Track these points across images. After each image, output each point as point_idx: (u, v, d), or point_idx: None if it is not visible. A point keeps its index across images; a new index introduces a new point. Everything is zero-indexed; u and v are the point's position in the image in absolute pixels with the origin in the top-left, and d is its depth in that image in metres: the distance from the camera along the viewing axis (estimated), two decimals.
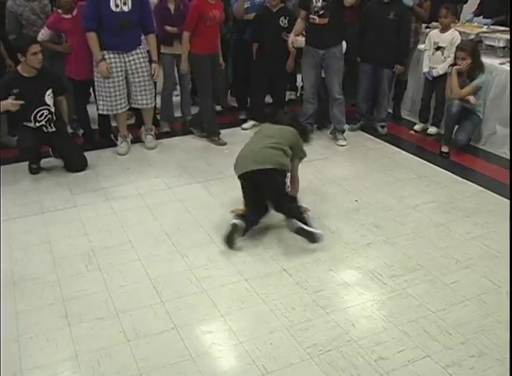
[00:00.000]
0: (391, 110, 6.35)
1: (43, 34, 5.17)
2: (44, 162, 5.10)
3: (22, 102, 4.64)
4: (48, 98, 4.85)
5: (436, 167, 5.09)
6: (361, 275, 3.48)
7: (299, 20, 5.49)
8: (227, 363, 2.81)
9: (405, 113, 6.41)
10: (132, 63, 5.17)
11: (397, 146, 5.61)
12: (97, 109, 5.40)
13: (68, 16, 5.15)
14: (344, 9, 5.33)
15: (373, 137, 5.86)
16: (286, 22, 5.74)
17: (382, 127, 5.94)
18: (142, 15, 5.12)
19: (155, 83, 5.86)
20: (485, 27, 5.97)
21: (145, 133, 5.65)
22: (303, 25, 5.46)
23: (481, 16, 6.51)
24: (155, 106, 5.99)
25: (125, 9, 4.97)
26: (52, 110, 4.89)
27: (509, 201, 4.36)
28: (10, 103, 4.63)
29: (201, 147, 5.64)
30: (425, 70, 5.74)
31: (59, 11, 5.21)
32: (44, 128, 4.88)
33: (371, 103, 6.06)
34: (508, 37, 5.54)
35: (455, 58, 5.29)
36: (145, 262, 3.65)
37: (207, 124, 5.72)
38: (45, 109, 4.83)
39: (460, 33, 5.63)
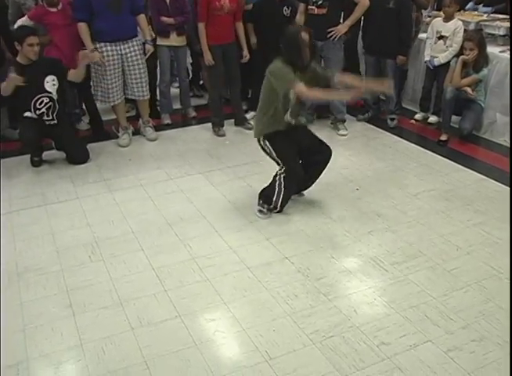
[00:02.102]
0: None
1: (24, 22, 5.07)
2: (46, 155, 5.14)
3: (29, 114, 4.73)
4: (49, 85, 4.85)
5: (437, 155, 5.10)
6: (362, 262, 3.50)
7: (299, 16, 5.51)
8: (231, 349, 2.84)
9: (405, 103, 6.40)
10: (129, 55, 5.19)
11: (398, 136, 5.62)
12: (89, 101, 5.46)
13: (54, 10, 5.12)
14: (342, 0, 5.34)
15: (374, 127, 5.87)
16: (288, 11, 5.74)
17: (392, 119, 5.89)
18: None
19: (155, 75, 5.90)
20: (485, 15, 5.96)
21: (143, 126, 5.68)
22: (303, 20, 5.46)
23: (481, 4, 6.50)
24: (155, 99, 6.04)
25: None
26: (54, 97, 4.90)
27: (509, 189, 4.38)
28: (12, 79, 4.62)
29: (202, 139, 5.66)
30: (427, 58, 5.73)
31: (44, 4, 5.17)
32: (45, 119, 4.89)
33: (378, 94, 6.06)
34: (508, 25, 5.53)
35: (462, 48, 5.30)
36: (148, 252, 3.67)
37: (212, 114, 5.76)
38: (44, 96, 4.84)
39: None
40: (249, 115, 6.05)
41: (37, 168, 5.00)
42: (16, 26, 5.05)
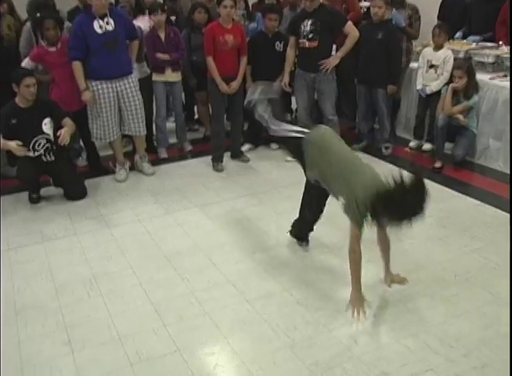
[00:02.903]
0: None
1: (26, 64, 5.20)
2: (44, 191, 5.15)
3: (30, 154, 4.82)
4: (46, 127, 4.91)
5: (432, 182, 5.09)
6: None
7: (289, 49, 5.61)
8: None
9: (399, 131, 6.48)
10: (124, 92, 5.23)
11: (393, 164, 5.65)
12: (87, 137, 5.50)
13: (52, 49, 5.20)
14: (333, 32, 5.43)
15: (369, 155, 5.89)
16: (281, 46, 5.83)
17: (386, 148, 5.96)
18: (126, 29, 5.20)
19: (151, 110, 5.96)
20: (474, 43, 6.07)
21: (140, 161, 5.70)
22: (293, 53, 5.58)
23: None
24: (152, 133, 6.10)
25: (109, 28, 5.02)
26: (51, 138, 4.95)
27: (505, 213, 4.40)
28: (15, 147, 4.73)
29: (199, 172, 5.68)
30: (419, 87, 5.83)
31: (43, 44, 5.27)
32: (43, 158, 4.95)
33: (372, 123, 6.14)
34: (497, 53, 5.63)
35: (451, 76, 5.41)
36: (146, 286, 3.67)
37: (213, 148, 5.77)
38: (42, 138, 4.90)
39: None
40: (245, 148, 6.10)
41: (35, 204, 5.02)
42: (23, 64, 5.19)
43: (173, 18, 6.55)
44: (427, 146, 5.95)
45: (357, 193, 3.07)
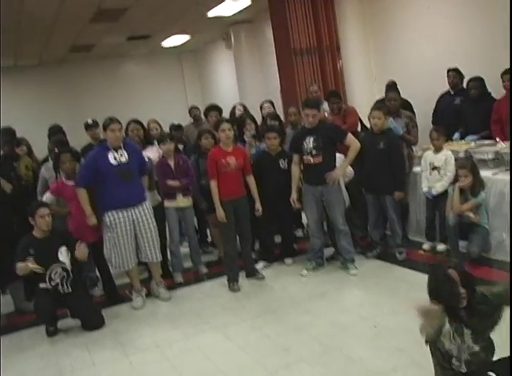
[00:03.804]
0: None
1: (47, 198, 5.50)
2: (61, 323, 5.14)
3: (40, 270, 4.84)
4: (62, 256, 5.03)
5: None
6: None
7: (293, 167, 5.76)
8: None
9: (411, 235, 6.45)
10: (140, 220, 5.37)
11: (409, 268, 5.60)
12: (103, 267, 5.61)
13: (70, 183, 5.46)
14: (335, 145, 5.63)
15: (384, 262, 5.88)
16: (285, 164, 6.01)
17: (400, 253, 5.93)
18: (139, 162, 5.46)
19: (164, 236, 6.06)
20: (472, 143, 6.23)
21: (156, 287, 5.71)
22: (298, 170, 5.75)
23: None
24: (167, 259, 6.15)
25: (123, 159, 5.29)
26: (67, 267, 5.04)
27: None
28: (30, 266, 4.79)
29: (215, 294, 5.65)
30: (425, 189, 5.93)
31: (62, 178, 5.55)
32: (60, 289, 5.00)
33: (383, 230, 6.17)
34: (495, 149, 5.76)
35: (456, 175, 5.53)
36: None
37: (227, 269, 5.77)
38: (58, 266, 4.99)
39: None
40: (259, 265, 6.09)
41: (53, 337, 5.00)
42: (44, 199, 5.47)
43: (181, 147, 6.85)
44: (440, 247, 5.92)
45: None
